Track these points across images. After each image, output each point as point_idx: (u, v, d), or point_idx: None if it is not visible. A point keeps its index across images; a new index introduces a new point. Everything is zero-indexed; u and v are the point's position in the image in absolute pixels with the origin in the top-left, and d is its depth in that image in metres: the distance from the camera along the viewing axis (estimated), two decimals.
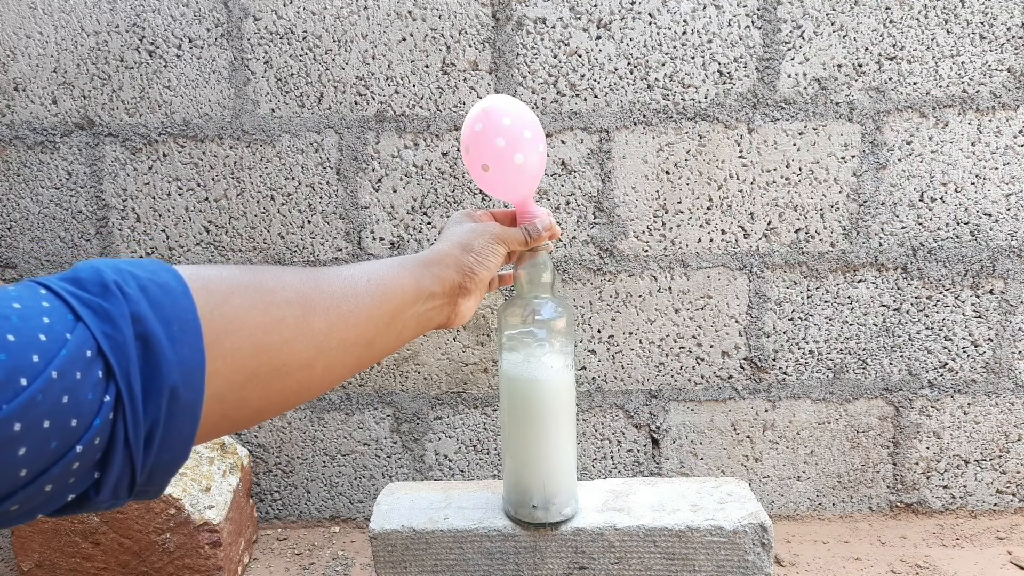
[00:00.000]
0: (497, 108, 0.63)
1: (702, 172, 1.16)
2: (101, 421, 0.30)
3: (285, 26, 1.14)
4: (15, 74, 1.16)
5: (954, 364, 1.20)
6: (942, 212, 1.16)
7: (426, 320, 0.56)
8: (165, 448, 0.32)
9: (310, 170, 1.18)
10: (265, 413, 0.41)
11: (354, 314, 0.46)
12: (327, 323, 0.43)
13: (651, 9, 1.11)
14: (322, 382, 0.44)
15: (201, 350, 0.33)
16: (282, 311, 0.39)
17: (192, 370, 0.33)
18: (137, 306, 0.31)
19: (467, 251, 0.59)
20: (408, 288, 0.52)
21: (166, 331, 0.32)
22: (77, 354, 0.29)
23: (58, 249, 1.21)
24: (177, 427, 0.32)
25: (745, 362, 1.22)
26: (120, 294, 0.31)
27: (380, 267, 0.52)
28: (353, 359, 0.47)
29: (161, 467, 0.33)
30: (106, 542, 1.06)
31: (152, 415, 0.31)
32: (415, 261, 0.56)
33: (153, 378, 0.31)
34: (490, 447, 1.27)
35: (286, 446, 1.28)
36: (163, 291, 0.33)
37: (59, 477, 0.29)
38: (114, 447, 0.30)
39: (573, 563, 0.73)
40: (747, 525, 0.72)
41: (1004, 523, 1.22)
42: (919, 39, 1.11)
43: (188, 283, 0.34)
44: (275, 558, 1.21)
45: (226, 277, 0.38)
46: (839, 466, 1.25)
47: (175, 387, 0.32)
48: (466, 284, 0.59)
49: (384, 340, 0.50)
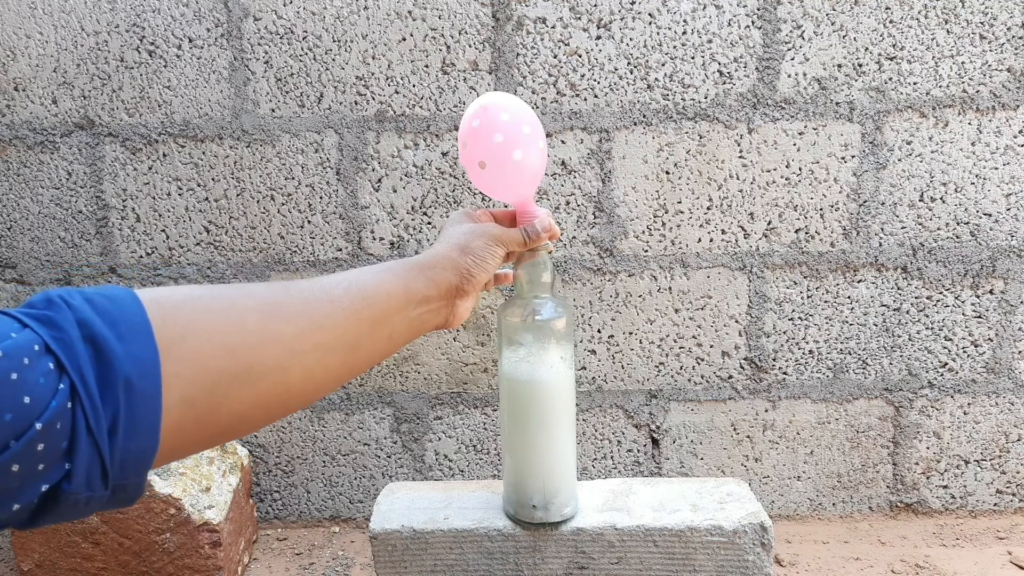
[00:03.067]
0: (495, 104, 0.62)
1: (702, 172, 1.16)
2: (58, 405, 0.31)
3: (285, 26, 1.14)
4: (15, 74, 1.16)
5: (954, 364, 1.20)
6: (942, 212, 1.16)
7: (421, 323, 0.56)
8: (130, 437, 0.33)
9: (310, 170, 1.18)
10: (250, 419, 0.41)
11: (329, 318, 0.46)
12: (296, 327, 0.43)
13: (651, 9, 1.11)
14: (304, 386, 0.44)
15: (152, 347, 0.34)
16: (242, 315, 0.40)
17: (144, 361, 0.34)
18: (82, 313, 0.33)
19: (465, 253, 0.59)
20: (395, 293, 0.52)
21: (113, 331, 0.33)
22: (23, 345, 0.31)
23: (58, 249, 1.21)
24: (139, 416, 0.33)
25: (745, 362, 1.22)
26: (65, 305, 0.33)
27: (364, 273, 0.52)
28: (336, 363, 0.47)
29: (131, 458, 0.34)
30: (106, 542, 1.06)
31: (112, 406, 0.32)
32: (406, 265, 0.55)
33: (106, 372, 0.32)
34: (490, 447, 1.27)
35: (286, 446, 1.28)
36: (109, 300, 0.34)
37: (25, 455, 0.30)
38: (78, 435, 0.31)
39: (573, 563, 0.73)
40: (747, 525, 0.72)
41: (1004, 523, 1.22)
42: (919, 39, 1.11)
43: (139, 296, 0.36)
44: (275, 558, 1.21)
45: (180, 290, 0.39)
46: (839, 466, 1.25)
47: (129, 378, 0.33)
48: (463, 287, 0.58)
49: (371, 344, 0.50)
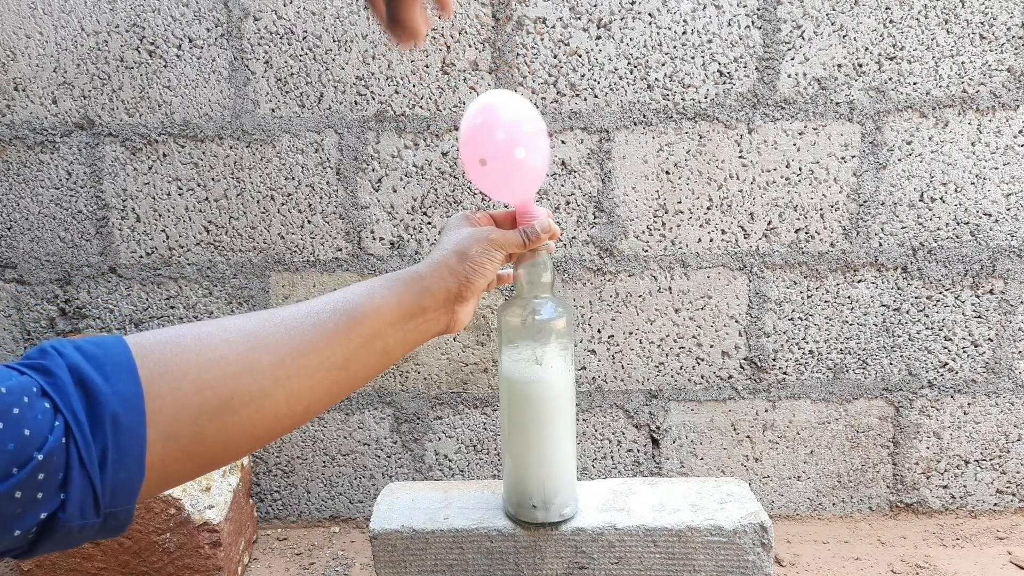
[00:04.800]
0: (497, 101, 0.62)
1: (702, 172, 1.16)
2: (55, 440, 0.34)
3: (285, 26, 1.14)
4: (15, 74, 1.16)
5: (954, 364, 1.20)
6: (942, 212, 1.16)
7: (418, 334, 0.56)
8: (119, 468, 0.36)
9: (310, 170, 1.18)
10: (237, 447, 0.43)
11: (310, 343, 0.47)
12: (276, 355, 0.45)
13: (651, 9, 1.11)
14: (292, 409, 0.46)
15: (137, 383, 0.38)
16: (220, 351, 0.42)
17: (129, 398, 0.37)
18: (72, 359, 0.37)
19: (463, 259, 0.58)
20: (385, 308, 0.52)
21: (100, 373, 0.37)
22: (24, 387, 0.34)
23: (58, 249, 1.21)
24: (125, 449, 0.37)
25: (745, 362, 1.22)
26: (56, 353, 0.37)
27: (356, 291, 0.52)
28: (325, 384, 0.48)
29: (120, 488, 0.37)
30: (106, 542, 1.06)
31: (101, 440, 0.36)
32: (401, 278, 0.55)
33: (95, 410, 0.36)
34: (490, 447, 1.27)
35: (286, 446, 1.28)
36: (97, 346, 0.38)
37: (27, 483, 0.33)
38: (71, 468, 0.34)
39: (573, 563, 0.73)
40: (747, 525, 0.72)
41: (1004, 523, 1.22)
42: (919, 39, 1.11)
43: (126, 339, 0.40)
44: (275, 558, 1.21)
45: (162, 332, 0.42)
46: (839, 466, 1.25)
47: (116, 414, 0.36)
48: (463, 293, 0.58)
49: (364, 360, 0.51)
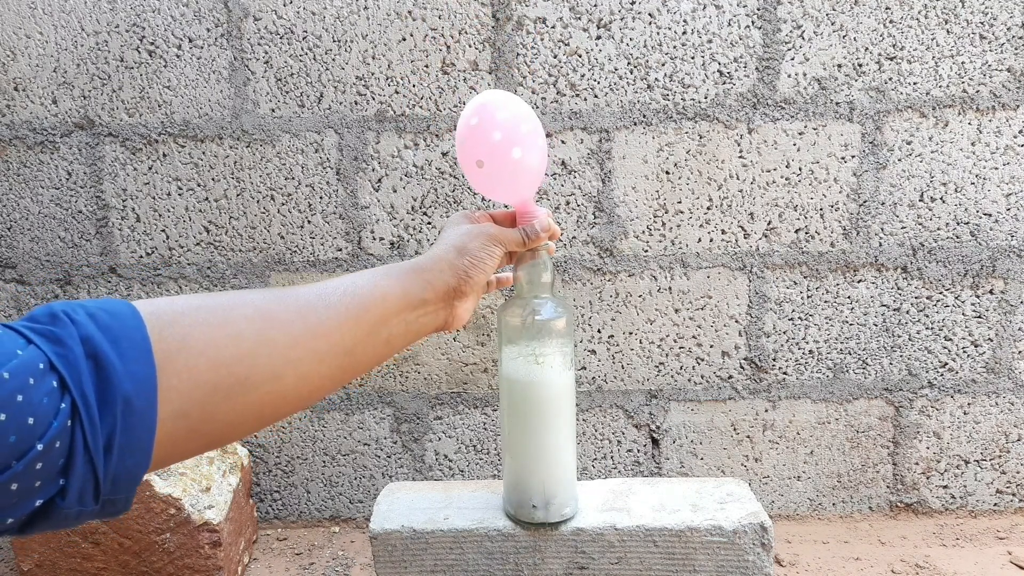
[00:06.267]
0: (493, 102, 0.62)
1: (702, 172, 1.16)
2: (59, 425, 0.31)
3: (285, 26, 1.14)
4: (15, 74, 1.16)
5: (954, 364, 1.20)
6: (942, 212, 1.16)
7: (419, 326, 0.56)
8: (125, 455, 0.34)
9: (310, 170, 1.18)
10: (243, 426, 0.42)
11: (323, 325, 0.46)
12: (290, 335, 0.43)
13: (651, 9, 1.11)
14: (299, 392, 0.45)
15: (151, 363, 0.35)
16: (238, 326, 0.40)
17: (143, 380, 0.34)
18: (85, 329, 0.34)
19: (462, 254, 0.58)
20: (391, 297, 0.52)
21: (115, 348, 0.34)
22: (29, 364, 0.31)
23: (58, 249, 1.21)
24: (134, 434, 0.34)
25: (745, 362, 1.22)
26: (69, 321, 0.34)
27: (360, 277, 0.52)
28: (332, 369, 0.47)
29: (123, 475, 0.34)
30: (106, 542, 1.06)
31: (109, 424, 0.33)
32: (404, 269, 0.55)
33: (106, 389, 0.33)
34: (490, 447, 1.27)
35: (286, 446, 1.28)
36: (111, 316, 0.35)
37: (24, 475, 0.31)
38: (75, 453, 0.32)
39: (573, 563, 0.73)
40: (747, 525, 0.72)
41: (1004, 523, 1.22)
42: (919, 39, 1.11)
43: (139, 309, 0.37)
44: (275, 558, 1.21)
45: (177, 301, 0.39)
46: (839, 466, 1.25)
47: (128, 396, 0.34)
48: (462, 288, 0.58)
49: (368, 349, 0.50)
